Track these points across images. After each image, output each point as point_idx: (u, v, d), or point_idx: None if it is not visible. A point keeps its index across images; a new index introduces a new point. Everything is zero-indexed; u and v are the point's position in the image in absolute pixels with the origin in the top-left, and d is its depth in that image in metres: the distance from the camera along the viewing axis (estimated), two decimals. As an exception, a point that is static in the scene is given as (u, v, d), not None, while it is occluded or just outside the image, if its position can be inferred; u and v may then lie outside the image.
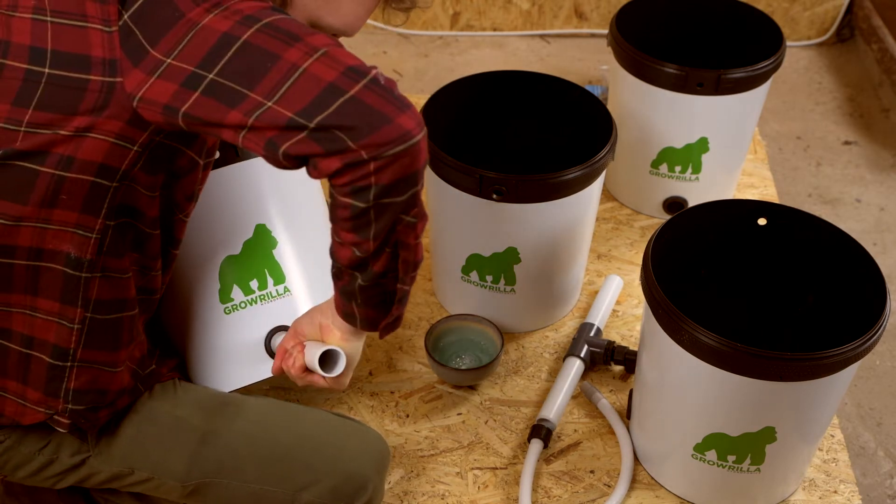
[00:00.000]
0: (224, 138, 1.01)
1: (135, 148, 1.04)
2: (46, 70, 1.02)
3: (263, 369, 1.34)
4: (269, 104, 0.95)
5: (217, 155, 1.25)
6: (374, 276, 1.05)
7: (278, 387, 1.58)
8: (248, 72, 0.96)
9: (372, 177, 0.96)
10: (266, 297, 1.36)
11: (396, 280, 1.07)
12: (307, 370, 1.21)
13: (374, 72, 0.98)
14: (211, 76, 0.97)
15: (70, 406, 1.14)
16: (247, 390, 1.37)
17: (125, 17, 1.00)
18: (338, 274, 1.09)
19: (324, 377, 1.20)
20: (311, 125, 0.94)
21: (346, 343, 1.18)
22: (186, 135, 1.08)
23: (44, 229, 1.06)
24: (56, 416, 1.15)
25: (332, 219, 1.03)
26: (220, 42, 0.97)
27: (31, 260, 1.07)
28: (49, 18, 1.03)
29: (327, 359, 1.20)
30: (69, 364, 1.13)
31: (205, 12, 0.98)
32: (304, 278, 1.39)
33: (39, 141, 1.02)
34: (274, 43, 0.97)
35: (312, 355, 1.18)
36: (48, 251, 1.07)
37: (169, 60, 0.98)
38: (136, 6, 1.00)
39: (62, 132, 1.02)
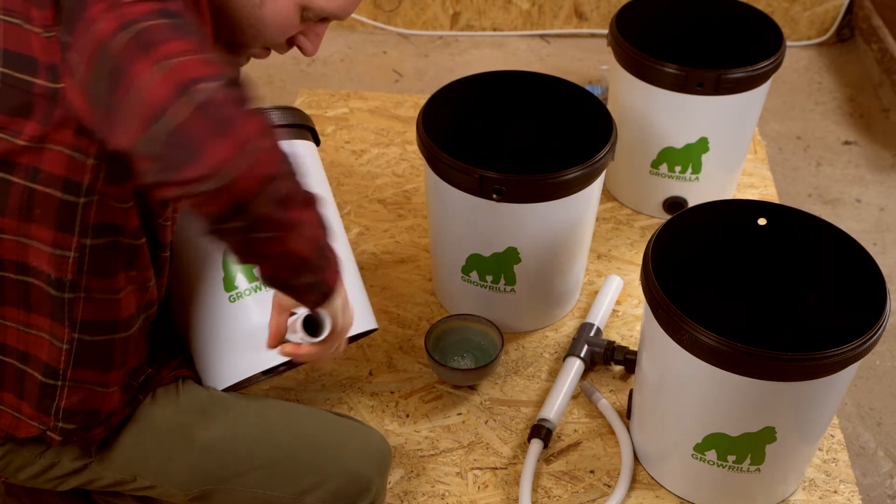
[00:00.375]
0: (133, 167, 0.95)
1: (90, 160, 1.01)
2: (0, 69, 1.00)
3: (269, 357, 1.34)
4: (120, 126, 0.90)
5: None
6: (266, 278, 1.03)
7: (278, 387, 1.58)
8: (112, 86, 0.90)
9: (201, 208, 0.90)
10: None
11: (290, 279, 1.04)
12: (283, 336, 1.18)
13: (208, 84, 0.88)
14: (95, 85, 0.91)
15: (61, 424, 1.13)
16: (247, 391, 1.37)
17: (61, 21, 0.96)
18: None
19: (312, 341, 1.16)
20: (148, 153, 0.88)
21: (324, 305, 1.14)
22: None
23: (25, 245, 1.04)
24: (48, 432, 1.14)
25: None
26: (99, 49, 0.91)
27: (19, 274, 1.06)
28: (0, 17, 1.00)
29: (314, 325, 1.19)
30: (60, 383, 1.11)
31: (101, 13, 0.91)
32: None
33: (3, 148, 1.00)
34: (129, 53, 0.89)
35: (294, 320, 1.17)
36: (32, 268, 1.06)
37: (79, 66, 0.93)
38: (64, 10, 0.96)
39: (19, 141, 0.99)
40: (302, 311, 1.17)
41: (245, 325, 1.33)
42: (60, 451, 1.20)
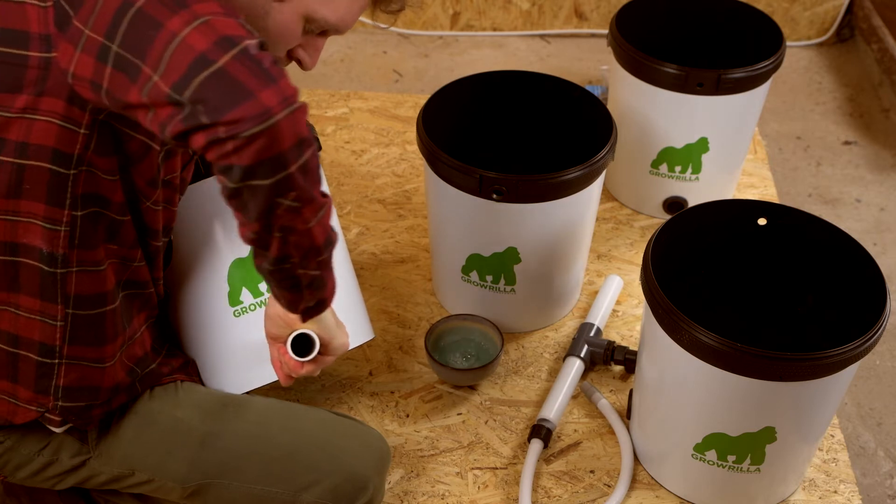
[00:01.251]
0: (143, 124, 0.97)
1: (81, 130, 1.02)
2: None
3: (272, 371, 1.34)
4: (155, 78, 0.91)
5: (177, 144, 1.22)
6: (273, 260, 1.02)
7: (278, 386, 1.58)
8: (140, 42, 0.92)
9: (233, 156, 0.91)
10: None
11: (297, 266, 1.03)
12: (303, 364, 1.21)
13: (246, 42, 0.92)
14: (114, 47, 0.94)
15: (60, 403, 1.14)
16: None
17: None
18: (254, 256, 1.06)
19: (301, 362, 1.19)
20: (183, 99, 0.90)
21: (312, 325, 1.17)
22: (125, 116, 1.04)
23: (14, 222, 1.05)
24: (47, 414, 1.15)
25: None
26: (120, 10, 0.93)
27: (7, 255, 1.07)
28: None
29: (304, 344, 1.20)
30: (56, 361, 1.12)
31: None
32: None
33: None
34: (160, 10, 0.92)
35: (287, 346, 1.18)
36: (22, 246, 1.06)
37: (87, 31, 0.95)
38: None
39: (8, 114, 1.01)
40: (290, 333, 1.19)
41: (249, 340, 1.34)
42: (59, 448, 1.20)
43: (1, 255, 1.07)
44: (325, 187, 1.49)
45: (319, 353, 1.20)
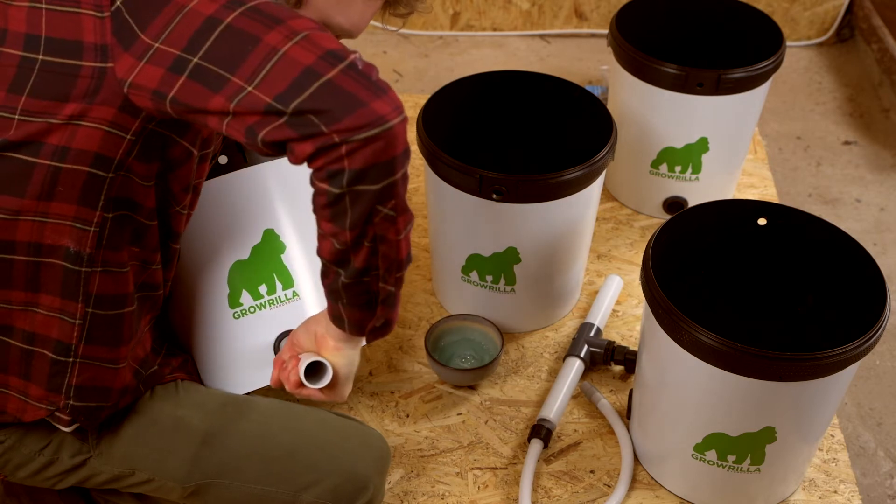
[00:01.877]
0: (211, 126, 1.00)
1: (128, 136, 1.04)
2: (40, 57, 1.03)
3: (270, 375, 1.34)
4: (250, 88, 0.95)
5: (215, 150, 1.25)
6: (355, 272, 1.04)
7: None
8: (231, 55, 0.96)
9: (345, 160, 0.95)
10: (275, 302, 1.36)
11: (378, 279, 1.06)
12: (302, 384, 1.21)
13: (352, 56, 0.97)
14: (195, 60, 0.97)
15: (72, 402, 1.14)
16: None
17: (118, 2, 1.01)
18: (325, 272, 1.08)
19: (311, 388, 1.18)
20: (288, 110, 0.94)
21: (339, 353, 1.17)
22: (178, 123, 1.08)
23: (42, 223, 1.06)
24: (57, 413, 1.15)
25: (314, 209, 1.02)
26: (205, 25, 0.97)
27: (30, 256, 1.07)
28: (44, 6, 1.04)
29: (317, 370, 1.20)
30: (71, 360, 1.13)
31: None
32: (313, 283, 1.38)
33: (33, 130, 1.03)
34: (256, 26, 0.97)
35: (300, 367, 1.18)
36: (47, 246, 1.07)
37: (157, 45, 0.98)
38: None
39: (54, 120, 1.02)
40: (305, 358, 1.18)
41: (248, 342, 1.34)
42: (60, 447, 1.20)
43: (24, 256, 1.08)
44: None
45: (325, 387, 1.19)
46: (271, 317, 1.36)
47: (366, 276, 1.05)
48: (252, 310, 1.36)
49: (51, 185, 1.04)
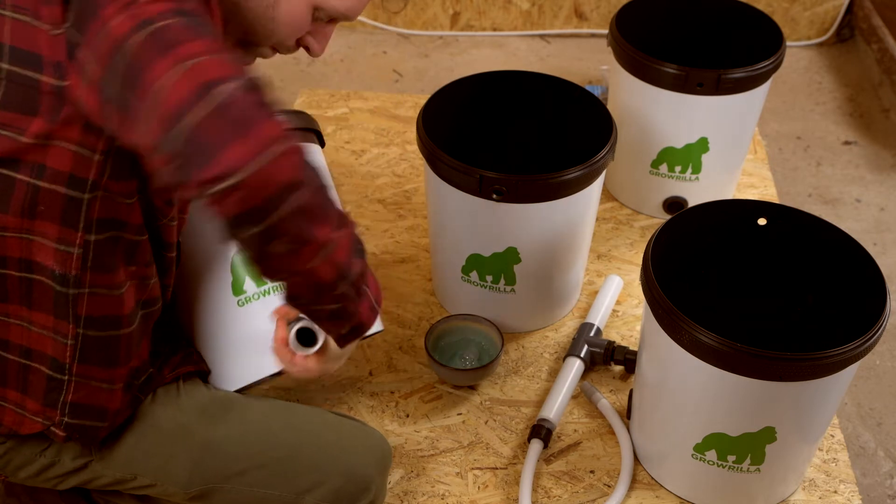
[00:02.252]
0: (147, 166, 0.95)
1: (97, 156, 1.01)
2: (6, 66, 1.00)
3: (275, 362, 1.34)
4: (139, 126, 0.90)
5: None
6: (288, 297, 1.02)
7: (279, 387, 1.58)
8: (130, 86, 0.90)
9: (215, 211, 0.89)
10: (279, 289, 1.35)
11: (312, 303, 1.03)
12: (287, 345, 1.19)
13: (230, 86, 0.88)
14: (110, 84, 0.92)
15: (66, 420, 1.14)
16: (248, 391, 1.37)
17: (71, 19, 0.96)
18: None
19: (300, 354, 1.17)
20: (163, 153, 0.88)
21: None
22: None
23: (29, 241, 1.04)
24: (52, 428, 1.14)
25: None
26: (114, 49, 0.90)
27: (22, 272, 1.06)
28: (9, 13, 1.00)
29: (308, 338, 1.19)
30: (66, 378, 1.11)
31: (116, 12, 0.91)
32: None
33: (8, 146, 1.00)
34: (147, 54, 0.89)
35: (291, 329, 1.17)
36: (36, 264, 1.06)
37: (90, 65, 0.93)
38: (74, 8, 0.96)
39: (24, 139, 0.99)
40: (297, 322, 1.18)
41: (252, 330, 1.34)
42: (61, 450, 1.20)
43: (16, 272, 1.06)
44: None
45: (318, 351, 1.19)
46: (275, 304, 1.35)
47: (298, 301, 1.03)
48: (256, 297, 1.35)
49: (31, 203, 1.02)
